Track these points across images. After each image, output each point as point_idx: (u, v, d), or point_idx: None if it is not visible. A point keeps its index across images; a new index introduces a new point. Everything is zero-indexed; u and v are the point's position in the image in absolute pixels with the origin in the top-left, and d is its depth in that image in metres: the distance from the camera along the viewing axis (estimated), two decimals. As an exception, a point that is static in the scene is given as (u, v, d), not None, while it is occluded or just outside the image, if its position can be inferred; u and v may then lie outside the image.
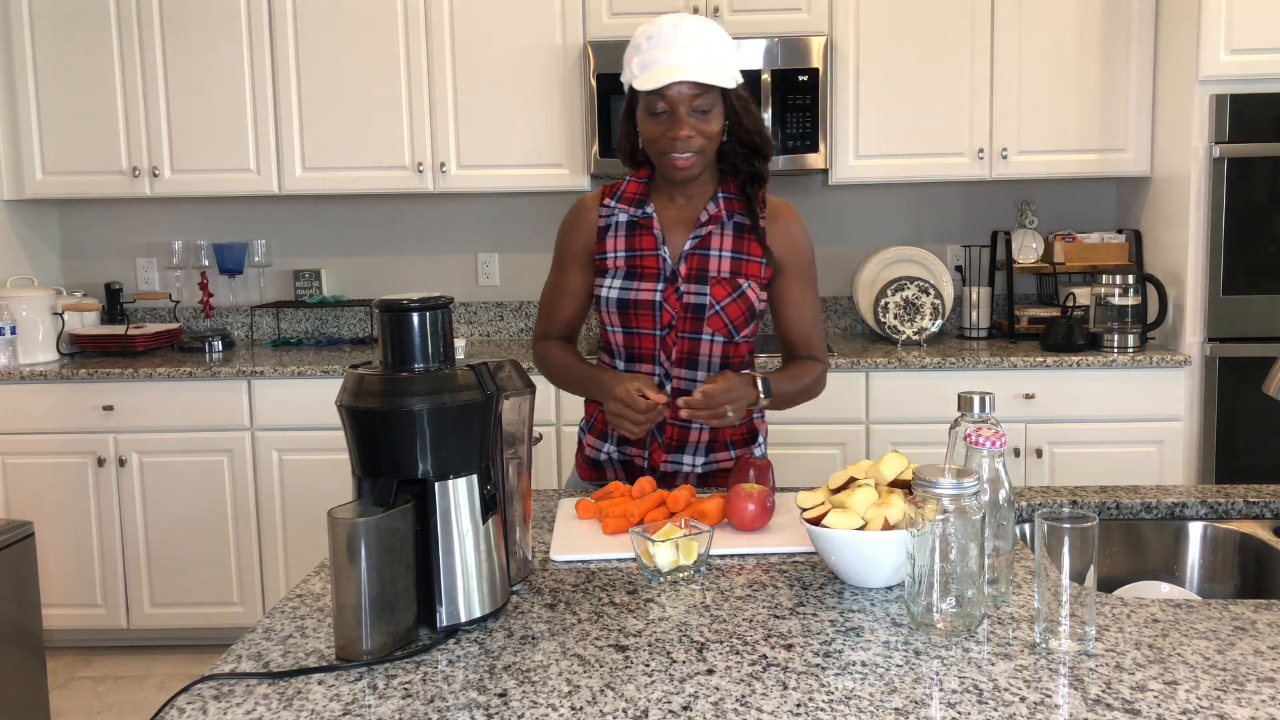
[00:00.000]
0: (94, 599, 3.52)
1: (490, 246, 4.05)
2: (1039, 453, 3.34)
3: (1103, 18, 3.51)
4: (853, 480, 1.43)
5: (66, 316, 3.67)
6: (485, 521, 1.27)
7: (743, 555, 1.52)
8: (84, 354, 3.71)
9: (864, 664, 1.14)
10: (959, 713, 1.03)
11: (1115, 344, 3.40)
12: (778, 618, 1.28)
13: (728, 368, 1.87)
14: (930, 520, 1.20)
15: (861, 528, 1.33)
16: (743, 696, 1.07)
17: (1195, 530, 1.72)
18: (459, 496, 1.25)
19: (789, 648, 1.19)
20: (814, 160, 3.54)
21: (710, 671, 1.13)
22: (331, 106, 3.64)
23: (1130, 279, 3.41)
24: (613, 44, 3.49)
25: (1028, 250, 3.77)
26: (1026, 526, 1.66)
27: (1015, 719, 1.02)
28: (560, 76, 3.60)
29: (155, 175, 3.69)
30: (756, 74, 3.49)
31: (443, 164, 3.65)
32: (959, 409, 1.37)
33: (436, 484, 1.23)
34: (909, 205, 3.98)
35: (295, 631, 1.27)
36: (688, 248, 1.85)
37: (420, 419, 1.21)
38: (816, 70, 3.49)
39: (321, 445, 3.42)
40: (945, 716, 1.02)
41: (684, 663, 1.15)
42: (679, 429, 1.89)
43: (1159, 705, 1.04)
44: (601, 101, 3.53)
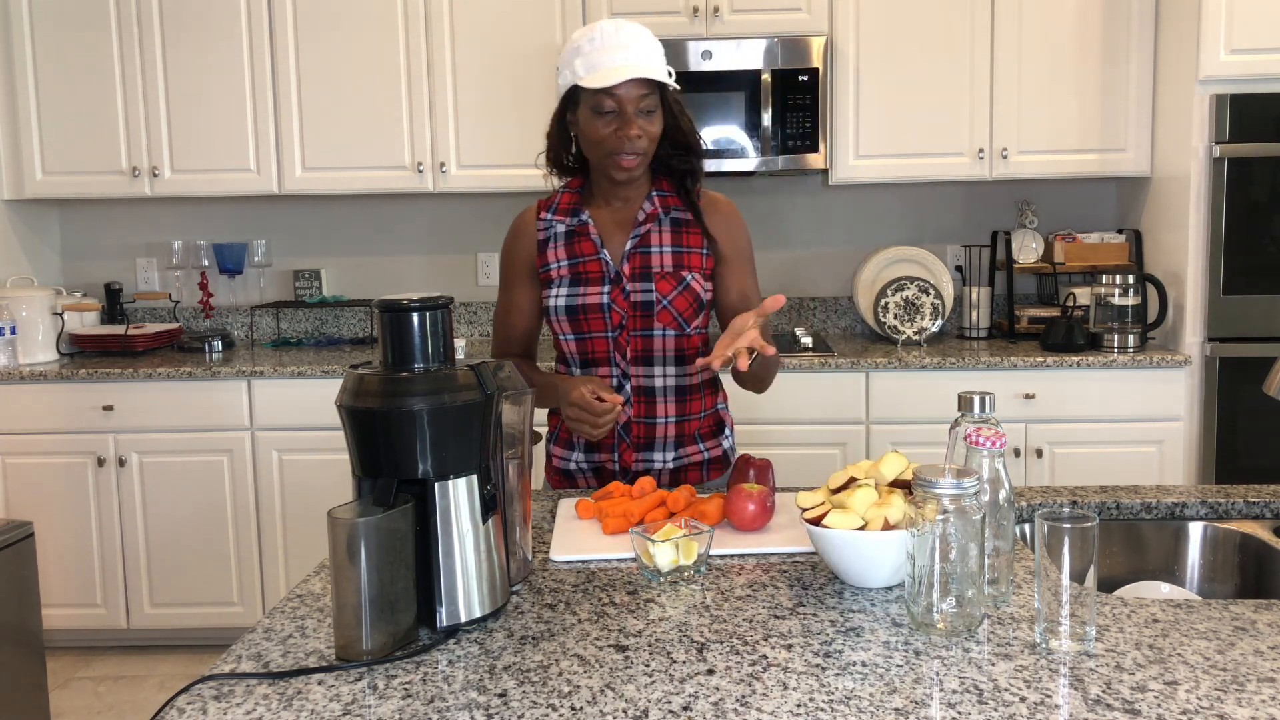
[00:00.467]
0: (94, 599, 3.52)
1: (490, 246, 4.05)
2: (1039, 453, 3.34)
3: (1103, 18, 3.51)
4: (853, 480, 1.43)
5: (66, 316, 3.67)
6: (485, 521, 1.27)
7: (743, 555, 1.52)
8: (84, 354, 3.71)
9: (864, 664, 1.14)
10: (959, 713, 1.03)
11: (1115, 344, 3.40)
12: (778, 618, 1.28)
13: (683, 360, 1.91)
14: (930, 520, 1.20)
15: (861, 528, 1.33)
16: (743, 697, 1.07)
17: (1195, 530, 1.72)
18: (459, 496, 1.24)
19: (789, 648, 1.19)
20: (814, 160, 3.54)
21: (710, 671, 1.13)
22: (331, 106, 3.64)
23: (1130, 279, 3.41)
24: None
25: (1028, 250, 3.78)
26: (1026, 526, 1.66)
27: (1015, 719, 1.02)
28: (560, 76, 3.60)
29: (155, 175, 3.69)
30: (756, 74, 3.49)
31: (443, 164, 3.66)
32: (959, 409, 1.37)
33: (436, 484, 1.23)
34: (909, 205, 3.98)
35: (295, 631, 1.27)
36: (629, 247, 1.90)
37: (420, 419, 1.21)
38: (816, 70, 3.49)
39: (321, 445, 3.42)
40: (945, 717, 1.02)
41: (684, 663, 1.15)
42: (645, 426, 1.92)
43: (1159, 705, 1.04)
44: (601, 101, 3.52)
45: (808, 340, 3.57)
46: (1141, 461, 3.33)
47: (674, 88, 1.84)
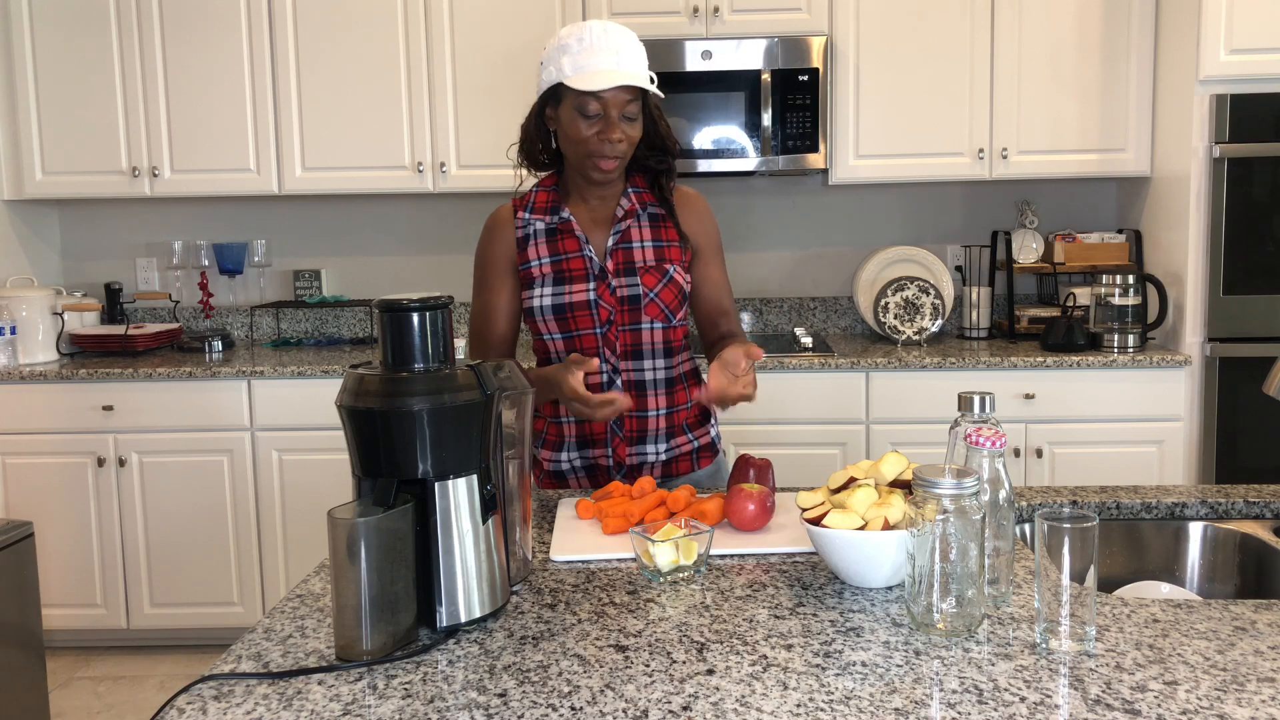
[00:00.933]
0: (94, 599, 3.52)
1: (490, 246, 4.04)
2: (1039, 453, 3.34)
3: (1103, 18, 3.51)
4: (853, 480, 1.43)
5: (66, 316, 3.67)
6: (485, 521, 1.27)
7: (743, 555, 1.52)
8: (84, 354, 3.71)
9: (864, 664, 1.14)
10: (959, 713, 1.03)
11: (1115, 344, 3.40)
12: (778, 618, 1.28)
13: (670, 352, 1.94)
14: (930, 520, 1.20)
15: (861, 528, 1.33)
16: (743, 696, 1.07)
17: (1195, 530, 1.72)
18: (459, 497, 1.25)
19: (789, 648, 1.19)
20: (814, 160, 3.54)
21: (710, 671, 1.13)
22: (331, 106, 3.64)
23: (1130, 279, 3.41)
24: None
25: (1028, 250, 3.78)
26: (1026, 526, 1.66)
27: (1015, 719, 1.02)
28: (560, 76, 3.60)
29: (155, 175, 3.69)
30: (756, 74, 3.49)
31: (443, 164, 3.66)
32: (959, 409, 1.37)
33: (436, 484, 1.23)
34: (909, 205, 3.98)
35: (295, 631, 1.27)
36: (611, 244, 1.91)
37: (420, 419, 1.21)
38: (816, 70, 3.49)
39: (321, 445, 3.42)
40: (945, 717, 1.02)
41: (684, 663, 1.15)
42: (638, 420, 1.93)
43: (1159, 705, 1.04)
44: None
45: (808, 340, 3.57)
46: (1141, 461, 3.33)
47: (657, 95, 1.86)
